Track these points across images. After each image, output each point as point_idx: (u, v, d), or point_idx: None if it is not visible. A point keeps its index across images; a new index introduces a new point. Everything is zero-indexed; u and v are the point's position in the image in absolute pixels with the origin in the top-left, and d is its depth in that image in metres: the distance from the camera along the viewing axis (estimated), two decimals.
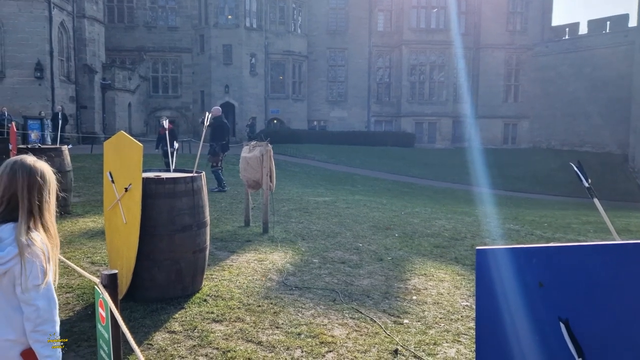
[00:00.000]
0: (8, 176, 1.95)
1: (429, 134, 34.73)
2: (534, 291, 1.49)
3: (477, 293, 1.63)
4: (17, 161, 2.00)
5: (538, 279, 1.48)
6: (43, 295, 1.92)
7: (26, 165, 1.99)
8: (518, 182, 22.76)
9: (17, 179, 1.95)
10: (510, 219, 10.60)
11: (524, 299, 1.52)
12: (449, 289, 5.26)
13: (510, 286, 1.56)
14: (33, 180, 1.98)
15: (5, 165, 2.00)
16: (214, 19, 31.23)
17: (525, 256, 1.51)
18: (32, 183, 1.98)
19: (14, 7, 22.40)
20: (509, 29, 35.49)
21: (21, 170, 1.97)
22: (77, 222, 7.86)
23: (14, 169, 1.97)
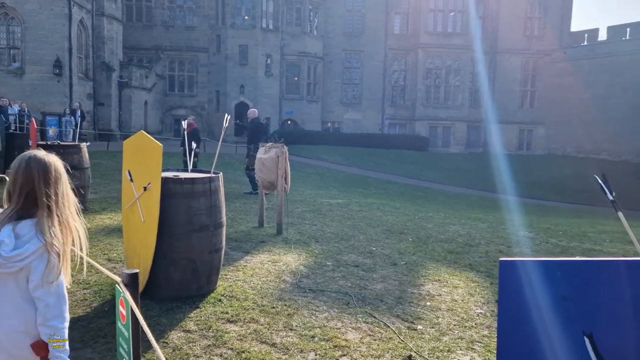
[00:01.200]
0: (24, 172, 1.97)
1: (443, 138, 34.59)
2: (558, 304, 1.49)
3: (500, 304, 1.63)
4: (30, 157, 2.01)
5: (562, 292, 1.48)
6: (54, 292, 1.95)
7: (40, 161, 2.00)
8: (532, 189, 22.57)
9: (34, 175, 1.96)
10: (524, 226, 10.51)
11: (547, 312, 1.52)
12: (463, 296, 5.23)
13: (534, 298, 1.56)
14: (49, 175, 2.00)
15: (19, 162, 2.00)
16: (231, 19, 31.41)
17: (549, 269, 1.51)
18: (48, 178, 1.99)
19: (35, 5, 22.74)
20: (526, 34, 35.24)
21: (36, 166, 1.98)
22: (94, 219, 7.95)
23: (29, 164, 1.98)
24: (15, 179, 1.97)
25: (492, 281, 5.84)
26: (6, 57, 23.24)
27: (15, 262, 1.88)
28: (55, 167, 2.03)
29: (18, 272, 1.91)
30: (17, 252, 1.88)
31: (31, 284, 1.92)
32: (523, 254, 7.36)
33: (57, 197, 1.99)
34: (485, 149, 34.24)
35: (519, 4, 34.67)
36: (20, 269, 1.90)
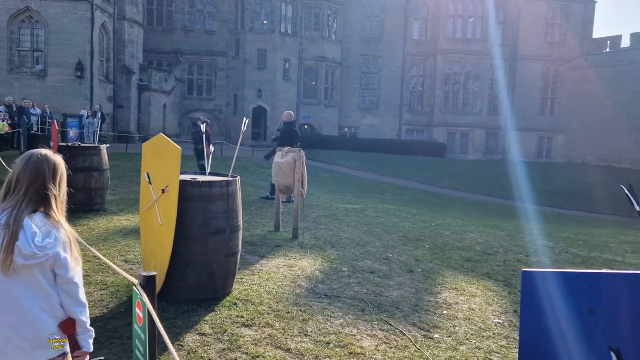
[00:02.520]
0: (35, 168, 2.06)
1: (462, 144, 34.32)
2: (584, 318, 1.45)
3: (522, 316, 1.59)
4: (40, 154, 2.11)
5: (589, 305, 1.43)
6: (78, 275, 2.11)
7: (50, 159, 2.12)
8: (552, 197, 22.23)
9: (44, 171, 2.07)
10: (543, 235, 10.35)
11: (572, 325, 1.48)
12: (480, 305, 5.16)
13: (558, 311, 1.52)
14: (57, 172, 2.12)
15: (27, 158, 2.10)
16: (250, 23, 31.63)
17: (575, 281, 1.47)
18: (56, 175, 2.11)
19: (59, 9, 23.15)
20: (547, 41, 34.85)
21: (47, 163, 2.09)
22: (112, 220, 8.02)
23: (40, 161, 2.08)
24: (23, 174, 2.05)
25: (511, 291, 5.75)
26: (30, 59, 23.68)
27: (47, 251, 1.97)
28: (61, 167, 2.16)
29: (45, 262, 2.00)
30: (47, 241, 1.98)
31: (62, 269, 2.03)
32: (542, 264, 7.24)
33: (61, 194, 2.12)
34: (504, 156, 33.89)
35: (540, 10, 34.32)
36: (48, 258, 1.99)
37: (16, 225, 1.94)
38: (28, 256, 1.93)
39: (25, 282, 1.99)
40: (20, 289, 1.99)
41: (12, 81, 22.98)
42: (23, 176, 2.04)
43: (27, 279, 1.99)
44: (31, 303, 2.00)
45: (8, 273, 1.94)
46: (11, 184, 2.04)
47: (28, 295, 2.00)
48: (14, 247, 1.92)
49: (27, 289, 2.00)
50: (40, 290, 2.02)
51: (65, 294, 2.05)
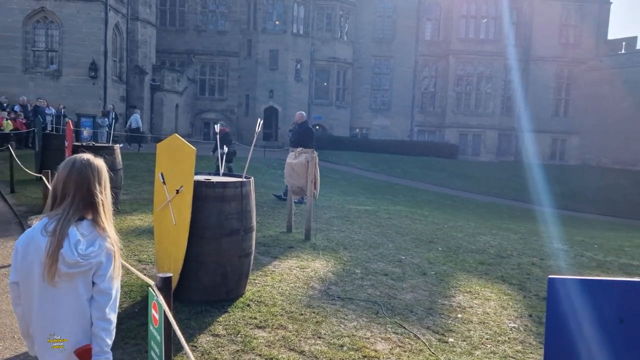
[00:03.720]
0: (80, 174, 2.02)
1: (473, 146, 34.10)
2: (614, 327, 1.41)
3: (548, 324, 1.55)
4: (84, 159, 2.07)
5: (619, 314, 1.39)
6: (117, 286, 2.08)
7: (93, 163, 2.08)
8: (565, 200, 22.01)
9: (90, 176, 2.03)
10: (558, 238, 10.24)
11: (601, 335, 1.44)
12: (495, 309, 5.10)
13: (586, 320, 1.48)
14: (102, 176, 2.08)
15: (71, 164, 2.05)
16: (262, 24, 31.69)
17: (605, 289, 1.43)
18: (101, 179, 2.07)
19: (73, 9, 23.34)
20: (561, 42, 34.52)
21: (91, 168, 2.05)
22: (125, 220, 8.06)
23: (83, 166, 2.04)
24: (68, 181, 2.01)
25: (525, 294, 5.69)
26: (44, 59, 23.90)
27: (90, 260, 1.96)
28: (104, 170, 2.12)
29: (88, 270, 1.98)
30: (90, 249, 1.97)
31: (99, 278, 2.00)
32: (557, 268, 7.15)
33: (106, 198, 2.08)
34: (517, 158, 33.61)
35: (554, 11, 34.00)
36: (92, 266, 1.98)
37: (61, 233, 1.93)
38: (71, 264, 1.93)
39: (67, 292, 1.98)
40: (61, 299, 1.98)
41: (26, 81, 23.22)
42: (68, 183, 2.01)
43: (70, 289, 1.98)
44: (69, 315, 1.99)
45: (53, 281, 1.94)
46: (57, 191, 2.02)
47: (68, 306, 1.99)
48: (58, 254, 1.91)
49: (68, 301, 1.99)
50: (80, 303, 2.00)
51: (96, 304, 2.01)
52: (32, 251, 1.96)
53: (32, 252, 1.96)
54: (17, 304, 2.05)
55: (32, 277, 1.97)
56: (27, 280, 1.98)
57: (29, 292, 1.99)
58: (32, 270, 1.96)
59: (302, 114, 11.93)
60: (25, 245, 1.98)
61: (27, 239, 1.99)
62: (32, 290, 1.98)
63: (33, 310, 1.99)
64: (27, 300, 2.00)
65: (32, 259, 1.96)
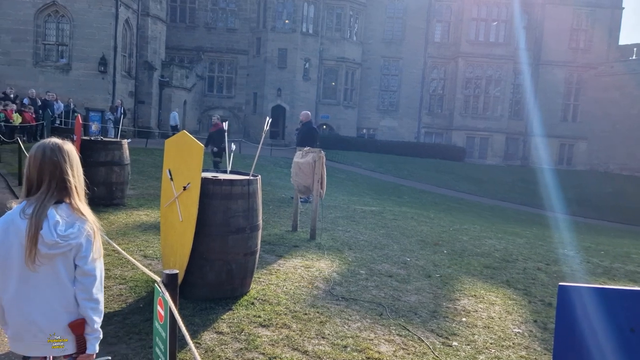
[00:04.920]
0: (51, 159, 2.04)
1: (480, 149, 33.98)
2: (624, 337, 1.39)
3: (557, 332, 1.54)
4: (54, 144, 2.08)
5: (630, 324, 1.38)
6: (99, 267, 2.09)
7: (63, 148, 2.09)
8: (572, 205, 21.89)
9: (61, 161, 2.05)
10: (563, 244, 10.18)
11: (612, 344, 1.42)
12: (500, 313, 5.08)
13: (596, 328, 1.46)
14: (73, 160, 2.10)
15: (42, 150, 2.06)
16: (272, 22, 31.71)
17: (616, 298, 1.42)
18: (72, 163, 2.09)
19: (84, 3, 23.44)
20: (571, 46, 34.35)
21: (61, 152, 2.07)
22: (131, 215, 8.08)
23: (54, 151, 2.05)
24: (42, 167, 2.03)
25: (530, 299, 5.66)
26: (55, 53, 24.02)
27: (69, 241, 1.98)
28: (74, 153, 2.14)
29: (68, 252, 2.00)
30: (70, 231, 1.99)
31: (81, 260, 2.02)
32: (563, 273, 7.11)
33: (79, 181, 2.11)
34: (524, 162, 33.50)
35: (565, 15, 33.83)
36: (71, 247, 1.99)
37: (40, 214, 1.96)
38: (50, 245, 1.94)
39: (47, 274, 2.00)
40: (41, 280, 2.00)
41: (36, 74, 23.34)
42: (42, 170, 2.03)
43: (50, 270, 2.00)
44: (50, 295, 2.01)
45: (34, 265, 1.95)
46: (32, 178, 2.04)
47: (48, 287, 2.01)
48: (38, 236, 1.93)
49: (48, 281, 2.01)
50: (60, 283, 2.02)
51: (81, 286, 2.04)
52: (12, 233, 1.98)
53: (12, 235, 1.98)
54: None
55: (11, 259, 1.99)
56: (5, 262, 1.99)
57: (6, 273, 2.00)
58: (10, 252, 1.98)
59: (307, 114, 12.02)
60: (5, 228, 2.00)
61: (7, 221, 2.01)
62: (10, 272, 2.00)
63: (11, 292, 2.00)
64: (3, 282, 2.01)
65: (12, 241, 1.98)
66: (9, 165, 12.71)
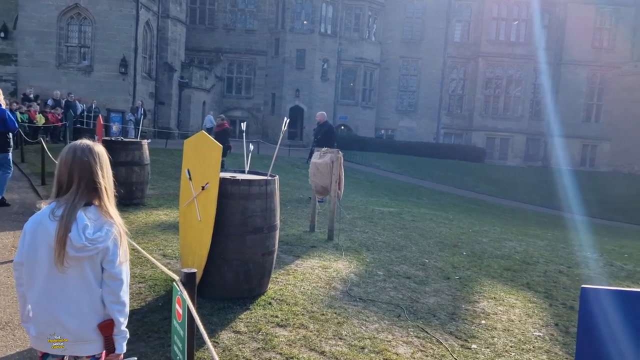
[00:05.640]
0: (81, 161, 2.05)
1: (501, 149, 33.60)
2: None
3: (579, 335, 1.51)
4: (84, 146, 2.10)
5: None
6: (126, 269, 2.11)
7: (94, 149, 2.10)
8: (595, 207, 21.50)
9: (92, 163, 2.06)
10: (586, 247, 10.00)
11: (634, 348, 1.39)
12: (520, 316, 5.00)
13: (619, 332, 1.43)
14: (103, 162, 2.11)
15: (72, 151, 2.08)
16: (290, 23, 31.81)
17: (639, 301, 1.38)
18: (102, 165, 2.10)
19: (106, 6, 23.82)
20: (594, 46, 33.75)
21: (91, 154, 2.08)
22: (151, 214, 8.17)
23: (84, 152, 2.07)
24: (72, 168, 2.04)
25: (552, 303, 5.56)
26: (77, 55, 24.44)
27: (97, 245, 2.00)
28: (105, 155, 2.15)
29: (95, 255, 2.02)
30: (98, 234, 2.00)
31: (109, 264, 2.04)
32: (585, 276, 6.98)
33: (108, 183, 2.12)
34: (545, 163, 33.03)
35: (588, 14, 33.26)
36: (98, 251, 2.01)
37: (69, 217, 1.97)
38: (78, 248, 1.96)
39: (75, 275, 2.02)
40: (68, 282, 2.02)
41: (59, 75, 23.77)
42: (72, 171, 2.04)
43: (77, 272, 2.02)
44: (77, 296, 2.03)
45: (62, 267, 1.97)
46: (62, 179, 2.06)
47: (75, 288, 2.02)
48: (66, 238, 1.95)
49: (76, 283, 2.02)
50: (87, 285, 2.04)
51: (108, 289, 2.06)
52: (40, 234, 2.00)
53: (40, 235, 2.00)
54: (19, 284, 2.09)
55: (38, 260, 2.01)
56: (33, 262, 2.02)
57: (33, 273, 2.03)
58: (38, 253, 2.01)
59: (323, 114, 12.12)
60: (34, 229, 2.02)
61: (36, 222, 2.03)
62: (37, 272, 2.02)
63: (36, 292, 2.03)
64: (30, 281, 2.04)
65: (40, 242, 2.00)
66: (33, 165, 12.96)
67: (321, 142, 11.23)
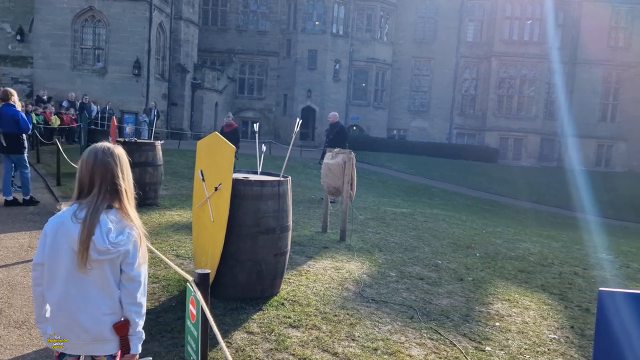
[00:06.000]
0: (103, 163, 2.06)
1: (514, 150, 33.30)
2: None
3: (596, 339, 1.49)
4: (105, 148, 2.11)
5: None
6: (144, 272, 2.12)
7: (114, 152, 2.12)
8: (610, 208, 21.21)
9: (112, 165, 2.07)
10: (602, 248, 9.88)
11: None
12: (534, 318, 4.95)
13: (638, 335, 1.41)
14: (123, 164, 2.13)
15: (94, 154, 2.09)
16: (302, 24, 31.84)
17: None
18: (123, 167, 2.12)
19: (120, 8, 24.05)
20: (610, 45, 33.32)
21: (112, 157, 2.09)
22: (164, 215, 8.23)
23: (106, 154, 2.08)
24: (94, 170, 2.05)
25: (567, 305, 5.50)
26: (91, 57, 24.71)
27: (118, 248, 2.02)
28: (125, 158, 2.17)
29: (116, 258, 2.04)
30: (120, 238, 2.02)
31: (128, 266, 2.06)
32: (601, 278, 6.89)
33: (129, 185, 2.13)
34: (560, 164, 32.67)
35: (603, 13, 32.84)
36: (119, 254, 2.03)
37: (93, 220, 1.98)
38: (101, 251, 1.98)
39: (95, 277, 2.03)
40: (89, 283, 2.03)
41: (74, 77, 24.05)
42: (94, 173, 2.05)
43: (97, 273, 2.03)
44: (96, 297, 2.04)
45: (85, 268, 1.99)
46: (84, 182, 2.07)
47: (95, 289, 2.04)
48: (90, 241, 1.96)
49: (96, 284, 2.04)
50: (107, 286, 2.05)
51: (126, 291, 2.08)
52: (62, 236, 2.01)
53: (62, 237, 2.01)
54: (37, 284, 2.10)
55: (59, 261, 2.02)
56: (53, 263, 2.03)
57: (53, 274, 2.04)
58: (59, 254, 2.02)
59: (335, 115, 12.25)
60: (55, 230, 2.03)
61: (57, 224, 2.04)
62: (57, 274, 2.03)
63: (57, 293, 2.04)
64: (50, 282, 2.05)
65: (61, 244, 2.01)
66: (48, 166, 13.12)
67: (333, 142, 11.32)
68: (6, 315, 4.23)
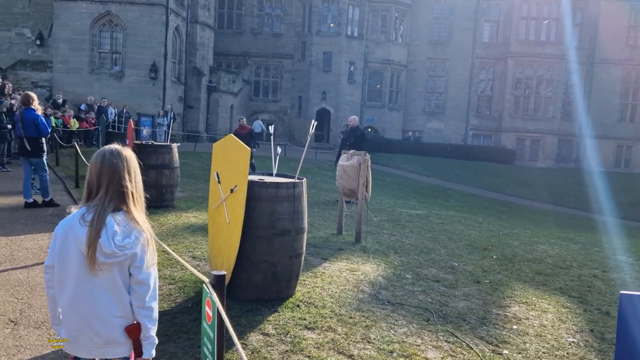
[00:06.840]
0: (110, 166, 2.07)
1: (531, 151, 32.94)
2: None
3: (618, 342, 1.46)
4: (113, 151, 2.12)
5: None
6: (153, 275, 2.11)
7: (122, 153, 2.12)
8: (630, 210, 20.88)
9: (120, 168, 2.07)
10: (621, 250, 9.72)
11: None
12: (553, 322, 4.89)
13: None
14: (131, 167, 2.12)
15: (101, 156, 2.10)
16: (317, 26, 31.90)
17: None
18: (130, 170, 2.11)
19: (137, 12, 24.33)
20: (629, 44, 32.80)
21: (120, 159, 2.09)
22: (180, 217, 8.29)
23: (113, 158, 2.08)
24: (101, 173, 2.06)
25: (586, 308, 5.42)
26: (109, 61, 25.03)
27: (125, 251, 2.01)
28: (133, 159, 2.15)
29: (124, 261, 2.04)
30: (127, 241, 2.02)
31: (136, 269, 2.06)
32: (622, 281, 6.78)
33: (136, 187, 2.12)
34: (578, 165, 32.24)
35: (622, 11, 32.34)
36: (127, 257, 2.03)
37: (99, 223, 1.99)
38: (107, 254, 1.98)
39: (104, 279, 2.04)
40: (98, 286, 2.04)
41: (92, 81, 24.38)
42: (101, 175, 2.06)
43: (107, 276, 2.04)
44: (107, 299, 2.05)
45: (94, 270, 2.01)
46: (92, 184, 2.08)
47: (105, 292, 2.05)
48: (96, 244, 1.98)
49: (105, 287, 2.05)
50: (116, 289, 2.06)
51: (135, 294, 2.07)
52: (71, 239, 2.03)
53: (71, 240, 2.03)
54: (49, 287, 2.12)
55: (69, 264, 2.03)
56: (63, 266, 2.04)
57: (63, 277, 2.05)
58: (69, 257, 2.03)
59: (355, 119, 12.32)
60: (64, 233, 2.05)
61: (66, 227, 2.06)
62: (67, 276, 2.05)
63: (67, 296, 2.06)
64: (60, 285, 2.07)
65: (70, 246, 2.03)
66: (67, 169, 13.31)
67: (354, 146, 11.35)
68: (26, 315, 4.30)
